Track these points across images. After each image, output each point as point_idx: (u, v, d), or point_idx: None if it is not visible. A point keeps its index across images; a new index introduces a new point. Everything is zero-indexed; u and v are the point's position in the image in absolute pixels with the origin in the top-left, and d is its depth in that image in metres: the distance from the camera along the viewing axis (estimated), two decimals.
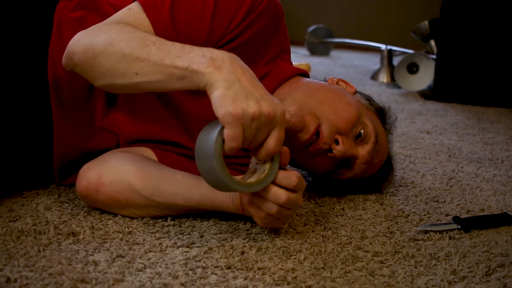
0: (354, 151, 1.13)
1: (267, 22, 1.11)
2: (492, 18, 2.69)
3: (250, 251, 0.93)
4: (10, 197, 1.11)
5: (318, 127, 1.09)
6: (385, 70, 3.46)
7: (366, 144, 1.14)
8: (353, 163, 1.15)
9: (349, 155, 1.12)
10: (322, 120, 1.09)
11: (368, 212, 1.16)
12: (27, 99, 1.07)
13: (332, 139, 1.09)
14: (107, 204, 1.04)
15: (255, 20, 1.08)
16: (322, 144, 1.09)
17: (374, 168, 1.19)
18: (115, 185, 1.02)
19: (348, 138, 1.12)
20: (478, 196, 1.31)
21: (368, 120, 1.14)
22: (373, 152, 1.15)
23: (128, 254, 0.90)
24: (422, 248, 1.00)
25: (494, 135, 2.03)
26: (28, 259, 0.86)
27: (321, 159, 1.13)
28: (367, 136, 1.14)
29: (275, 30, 1.15)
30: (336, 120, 1.10)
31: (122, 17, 1.01)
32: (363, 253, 0.96)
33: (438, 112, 2.47)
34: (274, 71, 1.16)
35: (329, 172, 1.17)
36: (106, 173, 1.03)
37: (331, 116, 1.10)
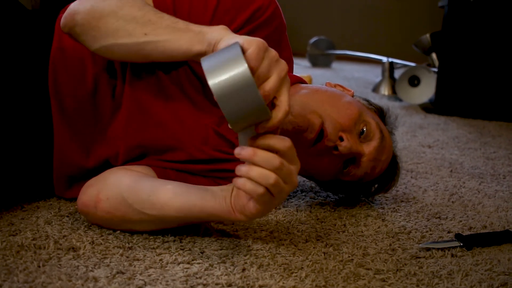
0: (360, 148, 1.14)
1: (270, 32, 1.12)
2: (494, 31, 2.69)
3: (251, 268, 0.93)
4: (11, 211, 1.11)
5: (321, 125, 1.10)
6: (386, 83, 3.47)
7: (372, 141, 1.15)
8: (360, 161, 1.15)
9: (355, 151, 1.12)
10: (324, 118, 1.11)
11: (370, 229, 1.15)
12: (27, 110, 1.07)
13: (336, 136, 1.10)
14: (105, 220, 1.03)
15: (258, 28, 1.09)
16: (327, 142, 1.10)
17: (383, 166, 1.20)
18: (111, 201, 1.01)
19: (352, 135, 1.13)
20: (480, 213, 1.30)
21: (370, 118, 1.16)
22: (379, 149, 1.16)
23: (129, 270, 0.89)
24: (424, 266, 0.99)
25: (496, 150, 2.02)
26: (27, 274, 0.85)
27: (327, 158, 1.13)
28: (370, 133, 1.15)
29: (278, 41, 1.15)
30: (338, 117, 1.11)
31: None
32: (364, 271, 0.95)
33: (439, 125, 2.47)
34: None
35: (337, 173, 1.17)
36: (103, 189, 1.03)
37: (333, 113, 1.11)
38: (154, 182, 1.04)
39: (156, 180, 1.06)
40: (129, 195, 1.00)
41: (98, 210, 1.02)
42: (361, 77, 4.37)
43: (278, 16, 1.13)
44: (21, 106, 1.07)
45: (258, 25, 1.09)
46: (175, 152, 1.12)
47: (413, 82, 3.04)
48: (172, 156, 1.13)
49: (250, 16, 1.08)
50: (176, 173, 1.13)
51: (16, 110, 1.06)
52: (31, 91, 1.08)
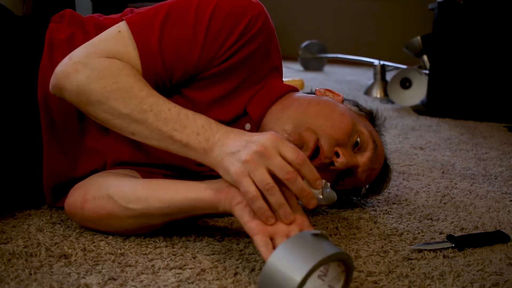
0: (354, 160, 1.14)
1: (259, 44, 1.11)
2: (484, 33, 2.71)
3: (243, 272, 0.93)
4: (2, 219, 1.10)
5: (316, 142, 1.09)
6: (378, 85, 3.48)
7: (365, 152, 1.15)
8: (355, 172, 1.15)
9: (351, 165, 1.13)
10: (319, 134, 1.10)
11: (362, 231, 1.16)
12: (17, 121, 1.07)
13: (332, 152, 1.10)
14: (92, 220, 1.03)
15: (248, 42, 1.08)
16: (324, 159, 1.09)
17: (375, 173, 1.21)
18: (97, 200, 1.01)
19: (346, 148, 1.12)
20: (472, 214, 1.31)
21: (363, 127, 1.15)
22: (373, 158, 1.16)
23: (120, 277, 0.89)
24: (416, 267, 0.99)
25: (488, 150, 2.03)
26: (19, 282, 0.85)
27: (323, 173, 1.12)
28: (364, 144, 1.15)
29: (267, 50, 1.15)
30: (333, 132, 1.10)
31: (112, 45, 1.01)
32: (357, 273, 0.96)
33: (431, 127, 2.48)
34: (265, 91, 1.16)
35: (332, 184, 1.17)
36: (90, 191, 1.03)
37: (327, 129, 1.10)
38: (139, 179, 1.05)
39: (142, 178, 1.07)
40: (114, 192, 1.00)
41: (84, 210, 1.02)
42: (353, 80, 4.38)
43: (267, 26, 1.12)
44: (11, 114, 1.07)
45: (249, 39, 1.08)
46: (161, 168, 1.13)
47: (405, 84, 3.05)
48: (160, 171, 1.14)
49: (241, 33, 1.06)
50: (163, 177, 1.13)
51: (5, 119, 1.06)
52: (21, 102, 1.08)
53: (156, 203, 0.97)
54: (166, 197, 0.97)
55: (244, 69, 1.11)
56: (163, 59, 1.03)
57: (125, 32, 1.02)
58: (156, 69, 1.03)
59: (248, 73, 1.12)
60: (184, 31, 1.03)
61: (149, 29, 1.02)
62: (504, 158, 1.93)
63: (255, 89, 1.15)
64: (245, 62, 1.10)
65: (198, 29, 1.04)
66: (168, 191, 0.98)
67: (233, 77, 1.10)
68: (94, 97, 0.96)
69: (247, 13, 1.07)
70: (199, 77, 1.08)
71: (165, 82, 1.06)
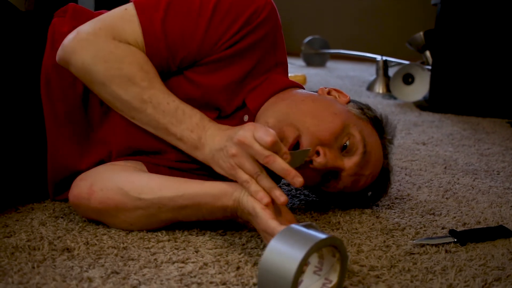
0: (339, 162, 1.10)
1: (265, 33, 1.11)
2: (487, 28, 2.70)
3: (246, 266, 0.93)
4: (5, 213, 1.11)
5: (297, 138, 1.07)
6: (380, 81, 3.48)
7: (353, 156, 1.10)
8: (340, 175, 1.12)
9: (332, 166, 1.09)
10: (302, 131, 1.07)
11: (364, 226, 1.16)
12: (21, 113, 1.08)
13: (312, 151, 1.07)
14: (98, 211, 1.03)
15: (253, 30, 1.09)
16: None
17: (367, 180, 1.16)
18: (105, 191, 1.02)
19: (332, 149, 1.09)
20: (474, 209, 1.31)
21: (356, 131, 1.10)
22: (361, 164, 1.11)
23: (123, 270, 0.89)
24: (418, 262, 0.99)
25: (490, 146, 2.03)
26: (22, 276, 0.85)
27: (305, 171, 1.09)
28: (353, 147, 1.10)
29: (273, 42, 1.15)
30: (317, 131, 1.07)
31: (117, 21, 1.05)
32: (359, 268, 0.96)
33: (434, 123, 2.48)
34: (265, 84, 1.16)
35: (317, 185, 1.15)
36: (97, 181, 1.04)
37: (312, 127, 1.08)
38: (150, 173, 1.07)
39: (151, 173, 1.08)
40: (125, 184, 1.01)
41: (91, 202, 1.02)
42: (355, 75, 4.38)
43: (273, 17, 1.12)
44: (14, 109, 1.07)
45: (254, 27, 1.08)
46: (166, 154, 1.13)
47: (407, 80, 3.04)
48: (163, 157, 1.13)
49: (246, 20, 1.07)
50: (169, 170, 1.13)
51: (8, 113, 1.06)
52: (24, 95, 1.08)
53: (169, 192, 0.99)
54: (180, 186, 1.00)
55: (250, 58, 1.11)
56: (166, 39, 1.04)
57: (131, 11, 1.05)
58: (159, 49, 1.05)
59: (254, 63, 1.12)
60: (189, 14, 1.05)
61: (154, 9, 1.04)
62: (507, 153, 1.93)
63: (257, 82, 1.15)
64: (250, 50, 1.10)
65: (203, 12, 1.05)
66: (184, 182, 1.01)
67: (239, 65, 1.10)
68: (98, 78, 1.01)
69: (254, 2, 1.08)
70: (205, 61, 1.08)
71: (169, 64, 1.07)
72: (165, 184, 1.01)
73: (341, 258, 0.83)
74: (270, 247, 0.78)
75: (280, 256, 0.76)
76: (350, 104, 1.19)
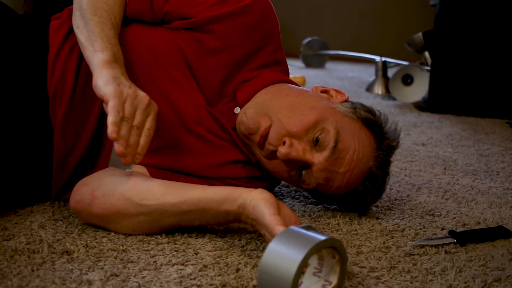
0: (308, 156, 1.08)
1: (251, 21, 1.15)
2: (486, 29, 2.70)
3: (245, 268, 0.93)
4: (4, 215, 1.10)
5: (268, 129, 1.09)
6: (380, 82, 3.48)
7: (324, 150, 1.08)
8: (312, 170, 1.10)
9: (296, 158, 1.08)
10: (273, 121, 1.09)
11: (364, 227, 1.16)
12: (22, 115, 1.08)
13: (278, 141, 1.08)
14: (100, 217, 1.03)
15: (236, 14, 1.14)
16: (267, 145, 1.09)
17: (343, 180, 1.12)
18: (107, 197, 1.02)
19: (301, 142, 1.08)
20: (473, 209, 1.31)
21: (332, 126, 1.09)
22: (331, 159, 1.08)
23: (123, 273, 0.89)
24: (418, 263, 0.99)
25: (489, 147, 2.03)
26: (21, 279, 0.85)
27: (276, 163, 1.12)
28: (325, 142, 1.08)
29: (265, 36, 1.17)
30: (287, 122, 1.08)
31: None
32: (358, 269, 0.96)
33: (433, 123, 2.48)
34: (257, 78, 1.18)
35: (294, 180, 1.14)
36: (99, 187, 1.04)
37: (284, 118, 1.09)
38: (152, 179, 1.06)
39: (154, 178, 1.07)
40: (127, 190, 1.01)
41: (93, 207, 1.02)
42: (354, 76, 4.38)
43: (263, 8, 1.17)
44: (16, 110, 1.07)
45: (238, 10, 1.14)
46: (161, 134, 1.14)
47: (407, 81, 3.05)
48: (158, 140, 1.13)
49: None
50: (171, 174, 1.14)
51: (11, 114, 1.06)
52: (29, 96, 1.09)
53: (172, 198, 0.99)
54: (183, 191, 1.00)
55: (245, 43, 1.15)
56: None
57: None
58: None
59: (244, 56, 1.16)
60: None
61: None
62: (506, 154, 1.93)
63: (250, 75, 1.18)
64: (237, 38, 1.15)
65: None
66: (186, 187, 1.01)
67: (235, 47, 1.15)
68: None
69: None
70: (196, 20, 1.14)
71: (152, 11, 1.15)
72: (167, 189, 1.01)
73: (341, 260, 0.83)
74: (269, 249, 0.78)
75: (280, 258, 0.76)
76: (344, 104, 1.18)
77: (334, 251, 0.83)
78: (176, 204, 0.99)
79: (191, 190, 1.00)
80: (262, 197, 0.94)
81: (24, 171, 1.11)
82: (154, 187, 1.01)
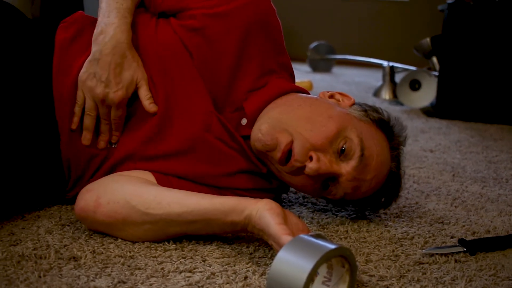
0: (335, 167, 1.06)
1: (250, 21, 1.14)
2: (494, 34, 2.69)
3: (254, 276, 0.92)
4: (11, 220, 1.10)
5: (290, 144, 1.06)
6: (387, 87, 3.47)
7: (351, 160, 1.07)
8: (339, 181, 1.08)
9: (326, 172, 1.06)
10: (295, 137, 1.06)
11: (372, 235, 1.15)
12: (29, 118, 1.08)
13: (305, 156, 1.05)
14: (105, 224, 1.03)
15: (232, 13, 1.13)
16: (294, 162, 1.05)
17: (371, 185, 1.12)
18: (112, 205, 1.01)
19: (326, 154, 1.06)
20: (483, 217, 1.29)
21: (354, 134, 1.07)
22: (359, 168, 1.07)
23: (130, 280, 0.88)
24: (428, 272, 0.98)
25: (498, 153, 2.01)
26: (28, 285, 0.85)
27: (301, 178, 1.09)
28: (351, 151, 1.06)
29: (267, 37, 1.16)
30: (310, 136, 1.05)
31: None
32: (368, 278, 0.95)
33: (441, 129, 2.46)
34: (265, 88, 1.16)
35: (317, 192, 1.12)
36: (104, 194, 1.03)
37: (305, 132, 1.06)
38: (158, 187, 1.06)
39: (162, 187, 1.07)
40: (132, 198, 1.01)
41: (97, 215, 1.02)
42: (361, 81, 4.37)
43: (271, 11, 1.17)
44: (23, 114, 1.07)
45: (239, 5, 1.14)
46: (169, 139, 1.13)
47: (414, 86, 3.03)
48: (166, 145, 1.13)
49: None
50: (178, 180, 1.13)
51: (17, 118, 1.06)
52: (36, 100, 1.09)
53: (178, 208, 0.98)
54: (190, 202, 0.99)
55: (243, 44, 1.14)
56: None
57: None
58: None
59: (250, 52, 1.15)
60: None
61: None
62: None
63: (257, 84, 1.16)
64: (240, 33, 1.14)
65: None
66: (193, 196, 1.00)
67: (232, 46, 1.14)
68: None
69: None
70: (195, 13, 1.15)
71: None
72: (174, 199, 1.00)
73: (351, 269, 0.82)
74: (279, 258, 0.77)
75: (289, 267, 0.76)
76: (354, 107, 1.16)
77: (343, 260, 0.82)
78: (182, 214, 0.99)
79: (197, 200, 0.99)
80: (268, 208, 0.94)
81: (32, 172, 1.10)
82: (160, 196, 1.00)
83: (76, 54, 1.13)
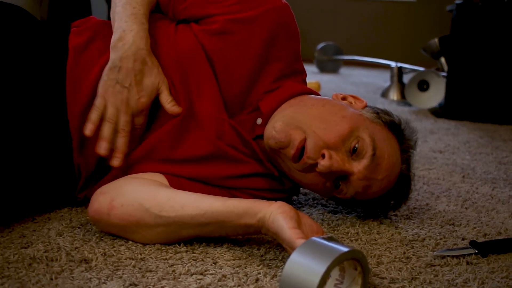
0: (347, 166, 1.07)
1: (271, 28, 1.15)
2: (503, 34, 2.68)
3: (265, 278, 0.92)
4: (22, 222, 1.10)
5: (303, 141, 1.06)
6: (395, 88, 3.45)
7: (363, 159, 1.08)
8: (350, 180, 1.09)
9: (338, 170, 1.06)
10: (308, 134, 1.07)
11: (383, 236, 1.14)
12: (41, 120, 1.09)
13: (317, 154, 1.06)
14: (119, 227, 1.03)
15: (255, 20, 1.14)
16: (307, 159, 1.06)
17: (381, 186, 1.12)
18: (126, 207, 1.01)
19: (339, 152, 1.07)
20: (494, 219, 1.29)
21: (366, 134, 1.08)
22: (371, 167, 1.08)
23: (141, 282, 0.88)
24: (440, 274, 0.98)
25: (508, 154, 2.00)
26: (40, 287, 0.85)
27: (313, 176, 1.09)
28: (363, 151, 1.07)
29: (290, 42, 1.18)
30: (323, 134, 1.06)
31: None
32: (379, 280, 0.94)
33: (450, 130, 2.45)
34: (281, 89, 1.17)
35: (328, 190, 1.13)
36: (117, 197, 1.03)
37: (318, 130, 1.07)
38: (171, 189, 1.06)
39: (175, 189, 1.07)
40: (146, 200, 1.01)
41: (111, 217, 1.02)
42: (369, 82, 4.36)
43: (289, 17, 1.19)
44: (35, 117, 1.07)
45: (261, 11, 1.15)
46: None
47: (422, 87, 3.02)
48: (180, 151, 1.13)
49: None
50: (189, 182, 1.13)
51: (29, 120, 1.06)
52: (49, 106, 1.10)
53: (191, 210, 0.99)
54: (203, 204, 0.99)
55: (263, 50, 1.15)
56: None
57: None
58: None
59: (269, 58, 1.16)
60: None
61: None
62: None
63: (273, 86, 1.17)
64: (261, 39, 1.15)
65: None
66: (206, 199, 1.00)
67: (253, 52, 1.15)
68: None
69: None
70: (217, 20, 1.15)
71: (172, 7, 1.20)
72: (187, 201, 1.00)
73: (363, 272, 0.82)
74: (291, 260, 0.77)
75: (302, 269, 0.75)
76: (366, 109, 1.18)
77: (356, 263, 0.82)
78: (195, 217, 0.99)
79: (210, 202, 0.99)
80: (281, 211, 0.94)
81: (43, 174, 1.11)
82: (173, 199, 1.01)
83: (92, 60, 1.13)
